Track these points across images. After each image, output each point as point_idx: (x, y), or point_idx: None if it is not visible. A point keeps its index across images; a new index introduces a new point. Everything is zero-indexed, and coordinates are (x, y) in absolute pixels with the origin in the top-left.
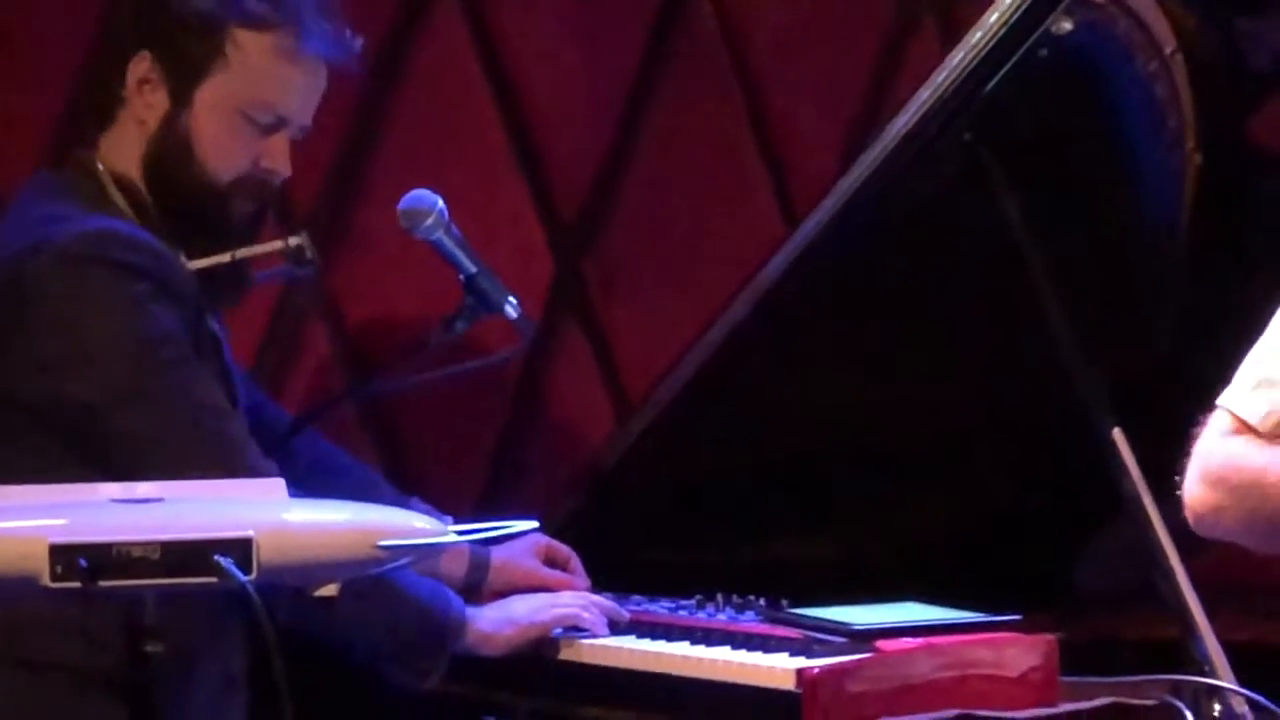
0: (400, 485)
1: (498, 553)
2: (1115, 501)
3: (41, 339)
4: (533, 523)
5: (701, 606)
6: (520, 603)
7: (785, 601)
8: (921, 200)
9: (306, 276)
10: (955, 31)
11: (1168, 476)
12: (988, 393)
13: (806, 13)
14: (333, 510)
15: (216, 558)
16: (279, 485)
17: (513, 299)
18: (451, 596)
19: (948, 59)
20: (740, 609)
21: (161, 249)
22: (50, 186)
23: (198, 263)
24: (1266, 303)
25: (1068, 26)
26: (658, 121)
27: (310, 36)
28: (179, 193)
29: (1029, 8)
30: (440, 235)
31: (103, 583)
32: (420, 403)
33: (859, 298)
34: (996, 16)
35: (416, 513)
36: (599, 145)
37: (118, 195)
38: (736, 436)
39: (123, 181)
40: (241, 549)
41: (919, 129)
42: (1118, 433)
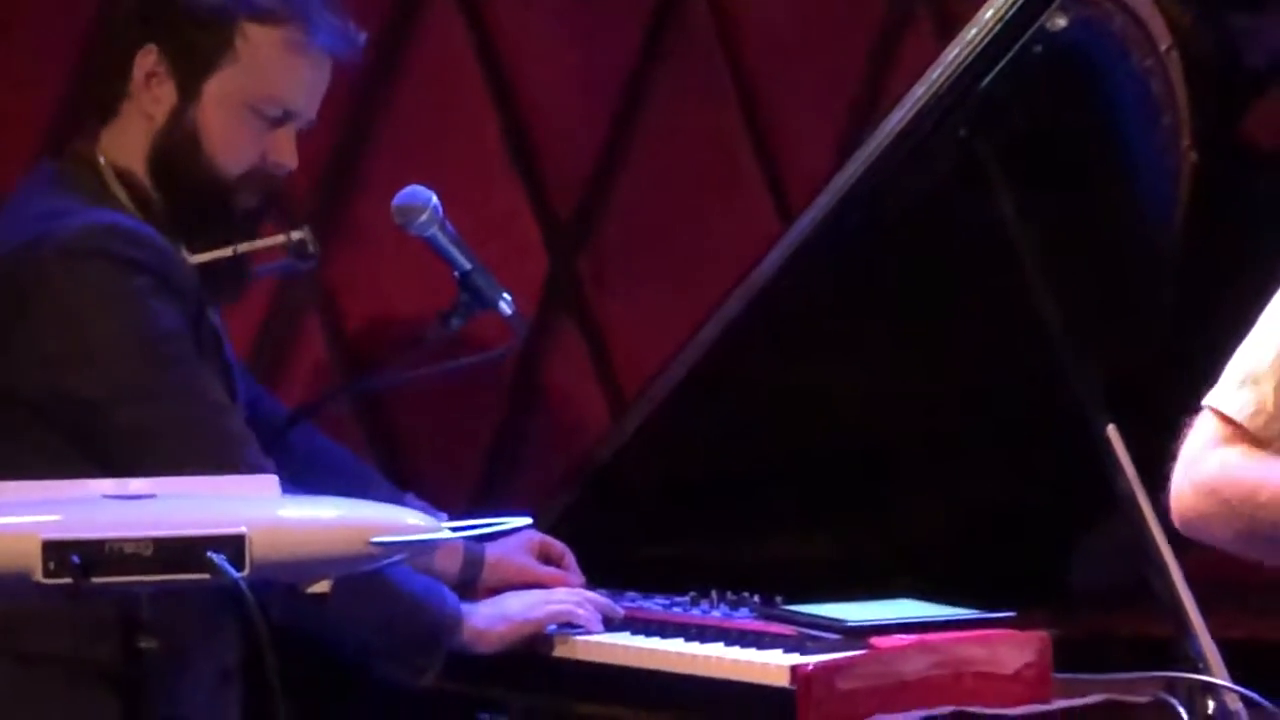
0: (395, 481)
1: (492, 549)
2: (1110, 499)
3: (43, 334)
4: (527, 519)
5: (696, 603)
6: (515, 599)
7: (779, 598)
8: (916, 197)
9: (307, 271)
10: (950, 27)
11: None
12: (983, 390)
13: (801, 10)
14: (326, 506)
15: (209, 554)
16: (272, 481)
17: (507, 295)
18: (447, 594)
19: (942, 55)
20: (734, 606)
21: (163, 243)
22: (51, 179)
23: (199, 257)
24: (1261, 299)
25: (1062, 23)
26: (653, 118)
27: (318, 31)
28: (186, 187)
29: (1024, 4)
30: (435, 231)
31: (95, 579)
32: (415, 398)
33: (854, 294)
34: (991, 13)
35: (411, 509)
36: (594, 142)
37: (119, 189)
38: (731, 433)
39: (125, 175)
40: (234, 545)
41: (914, 125)
42: (1112, 430)
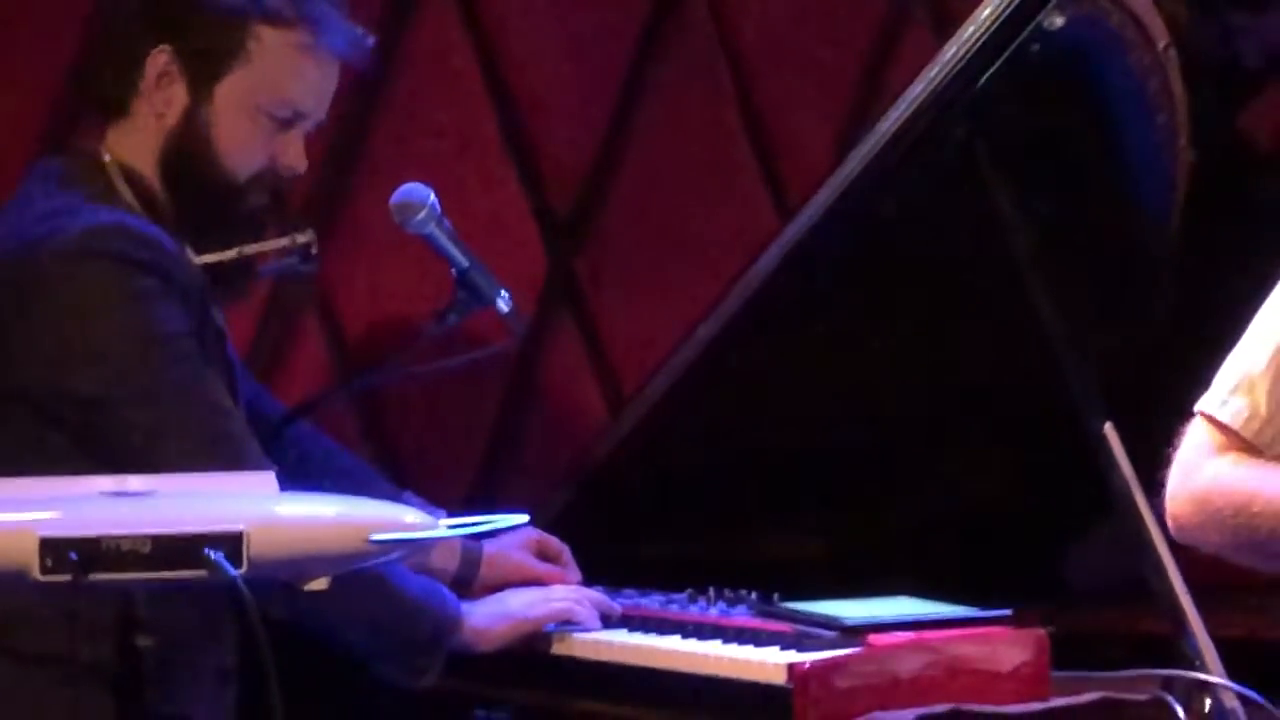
0: (392, 479)
1: (489, 547)
2: (1107, 497)
3: (48, 333)
4: (524, 516)
5: (693, 600)
6: (512, 598)
7: (777, 596)
8: (914, 195)
9: (309, 273)
10: (948, 25)
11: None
12: (980, 387)
13: (800, 8)
14: (324, 504)
15: (207, 552)
16: (270, 479)
17: (505, 293)
18: (446, 594)
19: (940, 53)
20: (732, 603)
21: (169, 243)
22: (55, 176)
23: (205, 257)
24: (1257, 297)
25: (1060, 21)
26: (651, 116)
27: (329, 33)
28: (196, 187)
29: (1021, 3)
30: (432, 229)
31: (93, 576)
32: (413, 396)
33: (851, 292)
34: (989, 11)
35: (408, 507)
36: (592, 139)
37: (124, 188)
38: (729, 431)
39: (130, 174)
40: (232, 543)
41: (911, 124)
42: (1109, 427)
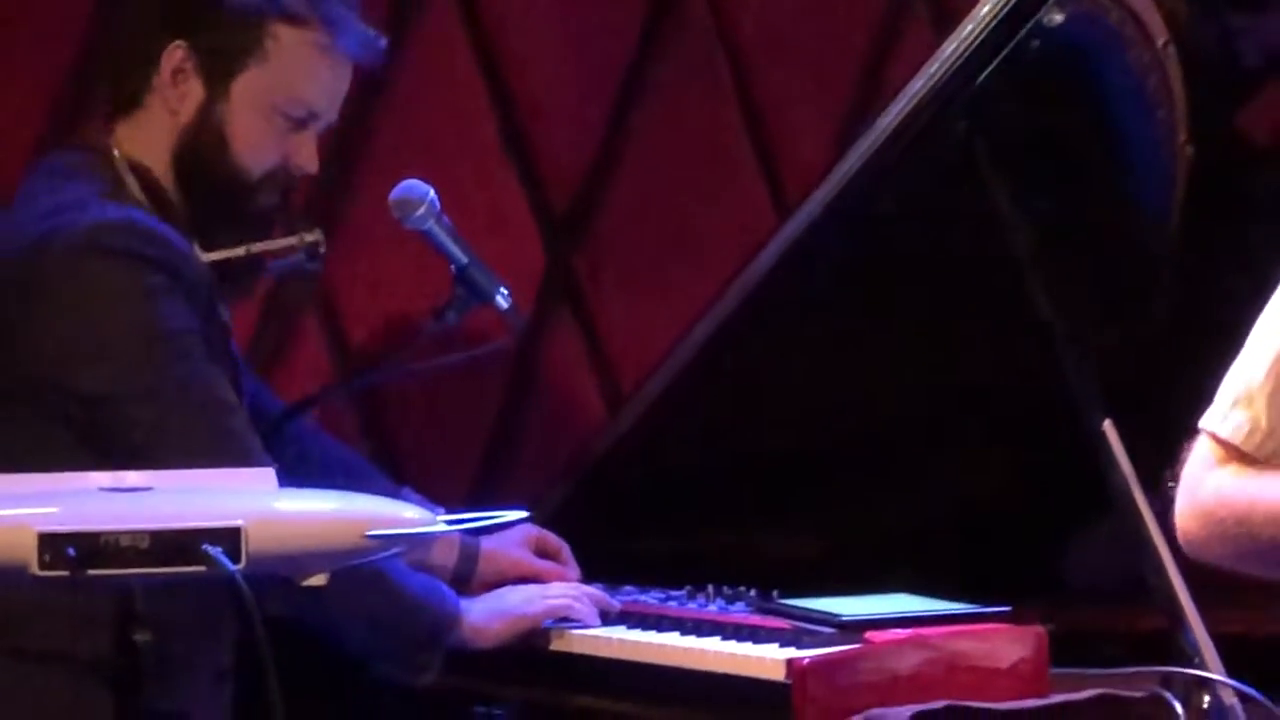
0: (391, 475)
1: (488, 543)
2: (1105, 494)
3: (54, 329)
4: (523, 513)
5: (692, 597)
6: (511, 594)
7: (775, 592)
8: (913, 191)
9: (314, 271)
10: (947, 21)
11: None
12: (979, 384)
13: (799, 3)
14: (322, 500)
15: (205, 547)
16: (269, 475)
17: (504, 290)
18: (446, 592)
19: (939, 50)
20: (730, 600)
21: (178, 240)
22: (63, 171)
23: (213, 255)
24: (1257, 294)
25: (1059, 18)
26: (650, 113)
27: (345, 34)
28: (209, 184)
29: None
30: (431, 225)
31: (91, 571)
32: (412, 393)
33: (850, 289)
34: (988, 8)
35: (407, 503)
36: (591, 136)
37: (133, 183)
38: (728, 427)
39: (139, 169)
40: (230, 538)
41: (911, 120)
42: (1108, 425)
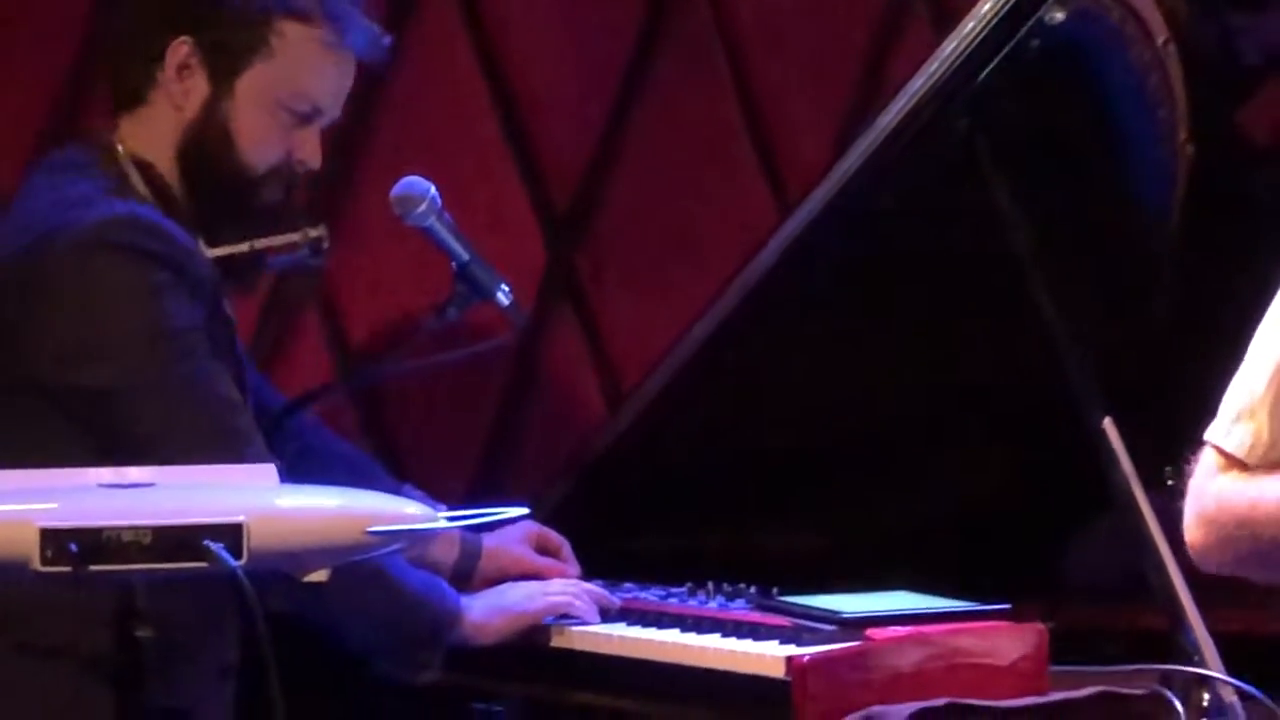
0: (392, 472)
1: (489, 540)
2: (1106, 492)
3: (59, 325)
4: (524, 509)
5: (692, 594)
6: (511, 591)
7: (775, 589)
8: (913, 189)
9: (316, 266)
10: (948, 19)
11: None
12: (979, 382)
13: (800, 1)
14: (324, 496)
15: (207, 543)
16: (270, 471)
17: (505, 286)
18: (446, 589)
19: (940, 48)
20: (731, 597)
21: (182, 236)
22: (66, 167)
23: (217, 251)
24: (1259, 295)
25: (1060, 16)
26: (651, 110)
27: (350, 31)
28: (213, 180)
29: None
30: (432, 222)
31: (93, 567)
32: (413, 390)
33: (850, 287)
34: (989, 6)
35: (408, 499)
36: (591, 133)
37: (137, 179)
38: (728, 424)
39: (143, 165)
40: (232, 534)
41: (911, 118)
42: (1108, 423)
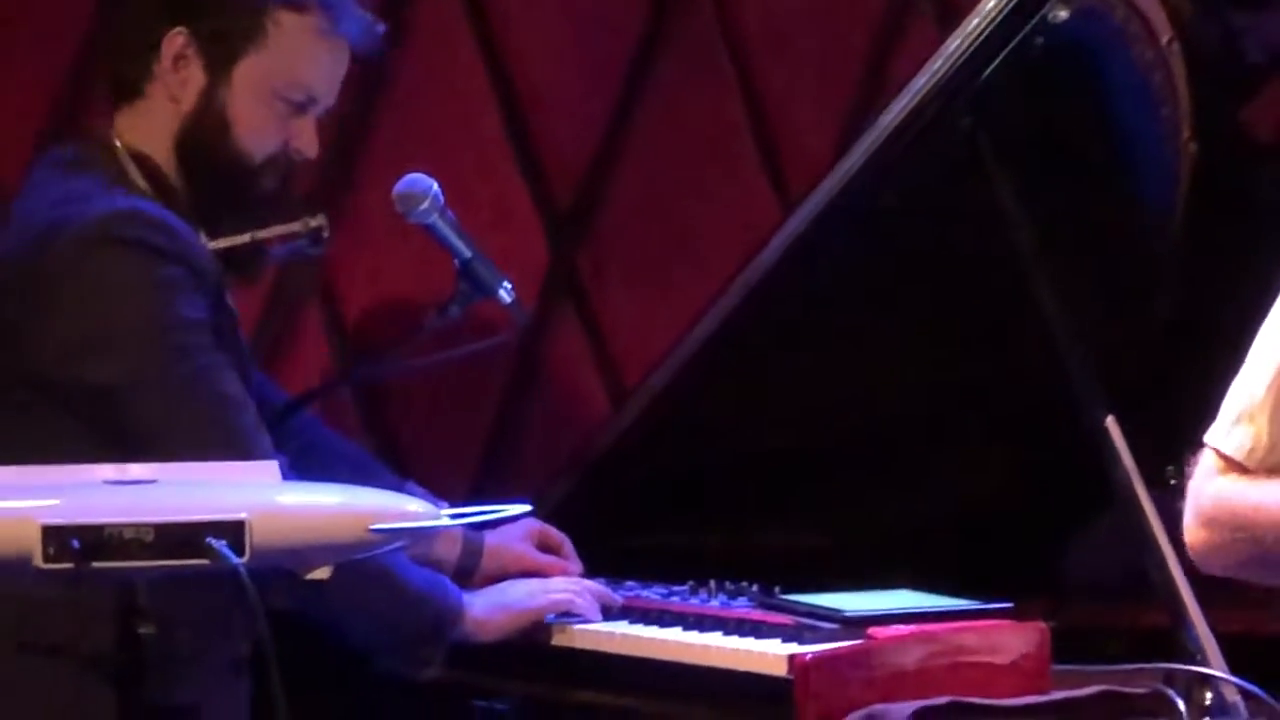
0: (394, 469)
1: (491, 537)
2: (1108, 491)
3: (63, 321)
4: (526, 507)
5: (694, 592)
6: (513, 588)
7: (778, 588)
8: (916, 187)
9: (316, 256)
10: (952, 16)
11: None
12: (982, 380)
13: None
14: (326, 493)
15: (209, 540)
16: (273, 468)
17: (507, 284)
18: (449, 586)
19: (944, 46)
20: (733, 595)
21: (185, 229)
22: (65, 163)
23: (218, 243)
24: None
25: (1064, 15)
26: (654, 107)
27: (343, 18)
28: (212, 171)
29: None
30: (435, 219)
31: (95, 564)
32: (415, 386)
33: (853, 284)
34: (993, 3)
35: (410, 496)
36: (594, 131)
37: (136, 173)
38: (731, 423)
39: (141, 159)
40: (234, 532)
41: (914, 116)
42: (1111, 421)
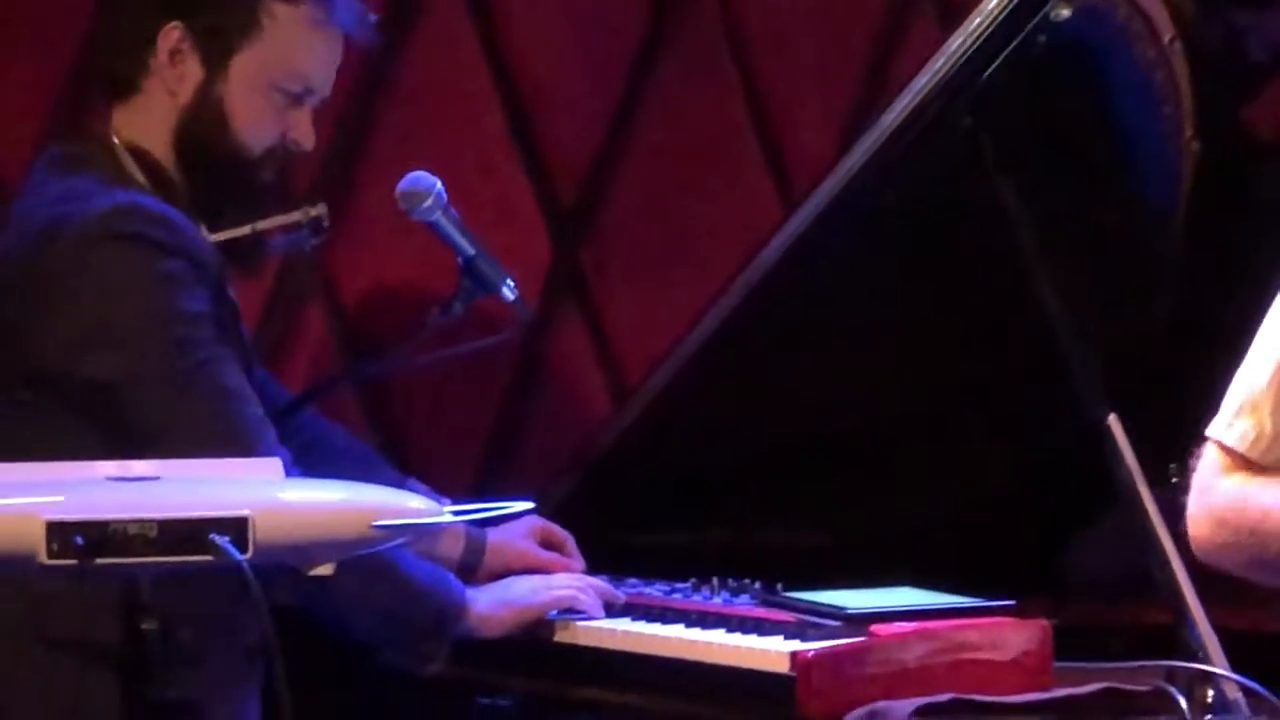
0: (397, 466)
1: (494, 534)
2: (1110, 489)
3: (66, 317)
4: (529, 504)
5: (697, 589)
6: (516, 585)
7: (780, 585)
8: (918, 186)
9: (315, 245)
10: (954, 14)
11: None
12: (984, 378)
13: None
14: (329, 489)
15: (213, 537)
16: (276, 464)
17: (510, 281)
18: (453, 581)
19: (946, 44)
20: (735, 592)
21: (185, 222)
22: (65, 161)
23: (219, 235)
24: (1263, 292)
25: (1066, 13)
26: (656, 105)
27: (337, 9)
28: (212, 164)
29: None
30: (438, 217)
31: (99, 560)
32: (417, 384)
33: (855, 283)
34: (995, 2)
35: (413, 493)
36: (597, 130)
37: (135, 168)
38: (733, 420)
39: (140, 154)
40: (238, 528)
41: (916, 115)
42: (1113, 419)
